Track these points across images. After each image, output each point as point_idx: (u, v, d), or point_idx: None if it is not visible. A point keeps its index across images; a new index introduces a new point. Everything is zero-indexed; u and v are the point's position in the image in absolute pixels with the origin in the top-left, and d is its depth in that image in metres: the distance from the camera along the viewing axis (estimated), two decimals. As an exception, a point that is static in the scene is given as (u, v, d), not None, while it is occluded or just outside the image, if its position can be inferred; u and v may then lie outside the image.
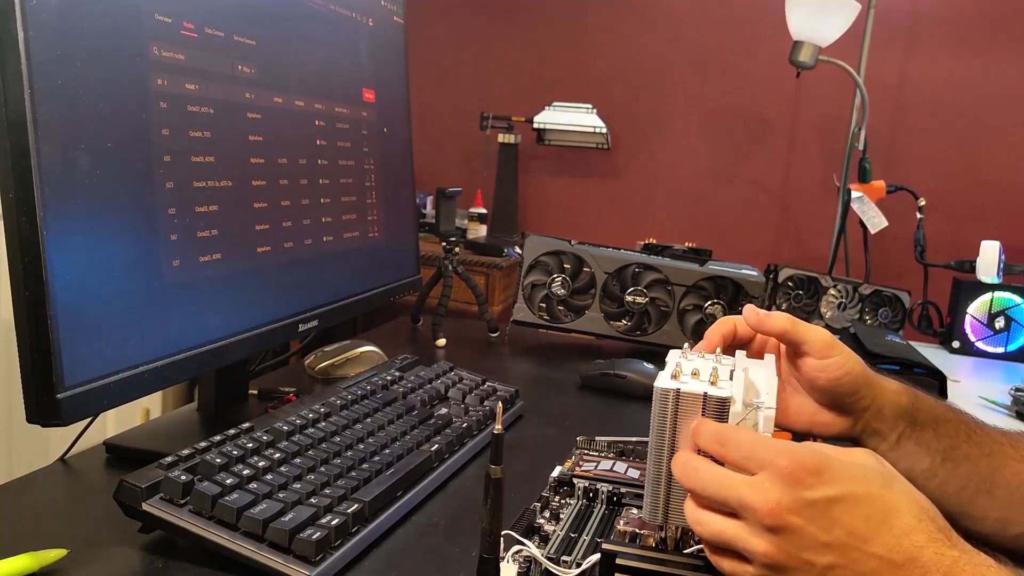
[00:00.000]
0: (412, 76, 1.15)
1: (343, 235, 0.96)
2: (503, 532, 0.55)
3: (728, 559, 0.48)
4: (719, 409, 0.52)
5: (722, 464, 0.49)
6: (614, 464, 0.72)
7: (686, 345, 0.60)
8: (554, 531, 0.61)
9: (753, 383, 0.56)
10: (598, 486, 0.67)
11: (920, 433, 0.67)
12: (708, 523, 0.48)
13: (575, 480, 0.68)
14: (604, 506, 0.67)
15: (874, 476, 0.48)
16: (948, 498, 0.66)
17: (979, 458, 0.67)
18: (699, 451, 0.50)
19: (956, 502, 0.66)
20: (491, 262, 2.36)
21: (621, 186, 2.71)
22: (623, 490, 0.67)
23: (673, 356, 0.58)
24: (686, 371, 0.55)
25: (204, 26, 0.72)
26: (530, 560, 0.56)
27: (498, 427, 0.52)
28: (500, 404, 0.52)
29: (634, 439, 0.78)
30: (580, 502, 0.67)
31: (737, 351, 0.64)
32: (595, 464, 0.72)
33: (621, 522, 0.61)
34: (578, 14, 2.67)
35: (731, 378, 0.56)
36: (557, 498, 0.67)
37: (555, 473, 0.70)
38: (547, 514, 0.64)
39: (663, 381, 0.53)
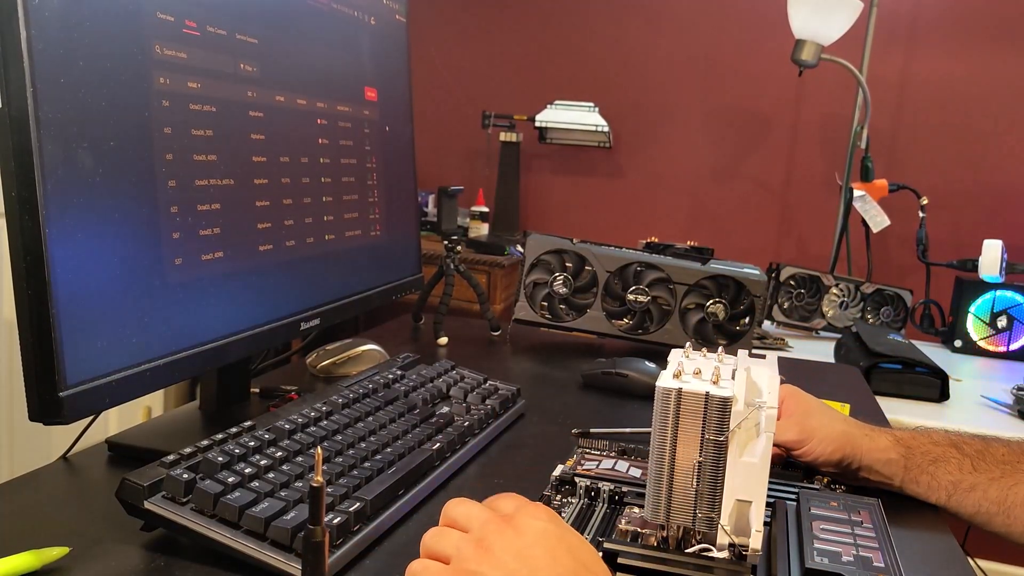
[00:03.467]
0: (414, 74, 1.15)
1: (345, 234, 0.96)
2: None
3: None
4: (721, 409, 0.52)
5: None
6: (616, 463, 0.72)
7: (688, 344, 0.60)
8: (556, 530, 0.61)
9: (755, 382, 0.56)
10: (600, 485, 0.67)
11: (919, 477, 0.73)
12: None
13: (577, 479, 0.68)
14: (606, 505, 0.66)
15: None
16: (970, 519, 0.72)
17: (987, 485, 0.71)
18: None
19: (979, 522, 0.71)
20: (493, 261, 2.36)
21: (623, 185, 2.71)
22: (625, 489, 0.67)
23: (675, 355, 0.58)
24: (688, 370, 0.55)
25: (206, 24, 0.72)
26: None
27: (317, 479, 0.40)
28: (319, 451, 0.41)
29: (628, 430, 0.78)
30: (582, 501, 0.67)
31: (740, 351, 0.64)
32: (597, 463, 0.72)
33: (623, 521, 0.61)
34: (580, 12, 2.66)
35: (733, 377, 0.56)
36: (559, 497, 0.67)
37: (557, 472, 0.70)
38: (549, 513, 0.64)
39: (665, 380, 0.54)
